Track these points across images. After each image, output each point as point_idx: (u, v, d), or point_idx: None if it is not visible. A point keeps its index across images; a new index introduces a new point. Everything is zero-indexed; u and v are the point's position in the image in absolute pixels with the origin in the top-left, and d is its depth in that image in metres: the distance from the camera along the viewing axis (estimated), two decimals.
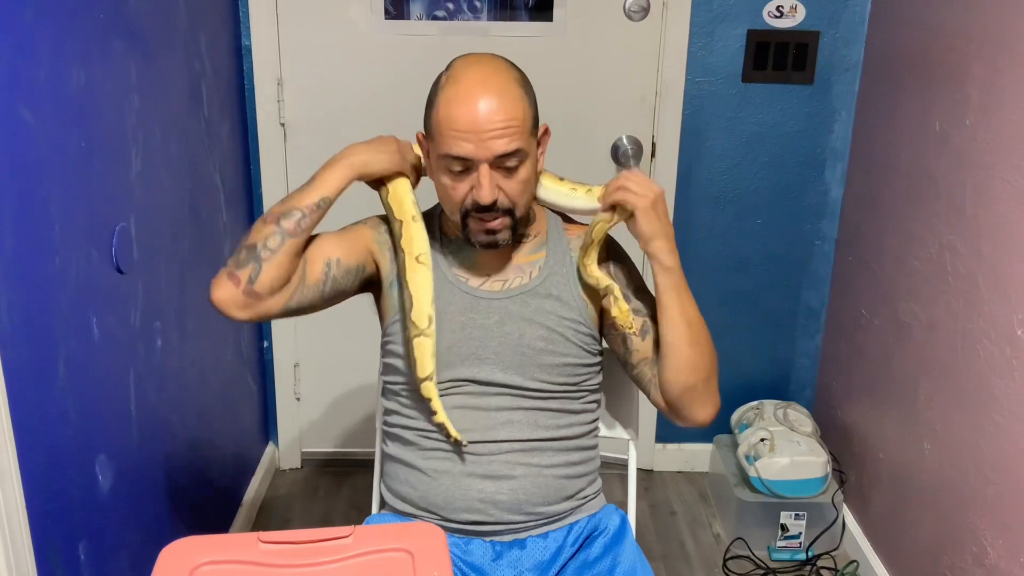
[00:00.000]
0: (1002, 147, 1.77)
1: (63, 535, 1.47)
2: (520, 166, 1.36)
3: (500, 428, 1.45)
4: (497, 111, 1.32)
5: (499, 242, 1.41)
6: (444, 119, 1.34)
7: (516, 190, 1.38)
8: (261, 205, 2.57)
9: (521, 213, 1.41)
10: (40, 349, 1.39)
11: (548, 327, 1.46)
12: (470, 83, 1.34)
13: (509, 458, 1.45)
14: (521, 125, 1.34)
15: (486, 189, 1.34)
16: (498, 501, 1.44)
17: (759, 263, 2.66)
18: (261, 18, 2.43)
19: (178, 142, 1.98)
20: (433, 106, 1.38)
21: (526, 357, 1.45)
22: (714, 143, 2.55)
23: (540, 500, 1.46)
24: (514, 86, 1.36)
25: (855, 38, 2.45)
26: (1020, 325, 1.70)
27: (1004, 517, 1.75)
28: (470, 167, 1.35)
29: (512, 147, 1.33)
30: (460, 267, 1.50)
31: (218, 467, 2.33)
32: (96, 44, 1.57)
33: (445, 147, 1.34)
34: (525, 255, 1.50)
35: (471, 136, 1.32)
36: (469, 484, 1.44)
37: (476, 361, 1.45)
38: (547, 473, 1.46)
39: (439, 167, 1.39)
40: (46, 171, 1.40)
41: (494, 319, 1.46)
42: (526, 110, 1.36)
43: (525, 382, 1.45)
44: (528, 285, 1.47)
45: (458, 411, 1.45)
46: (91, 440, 1.56)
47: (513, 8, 2.44)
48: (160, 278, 1.86)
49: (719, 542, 2.52)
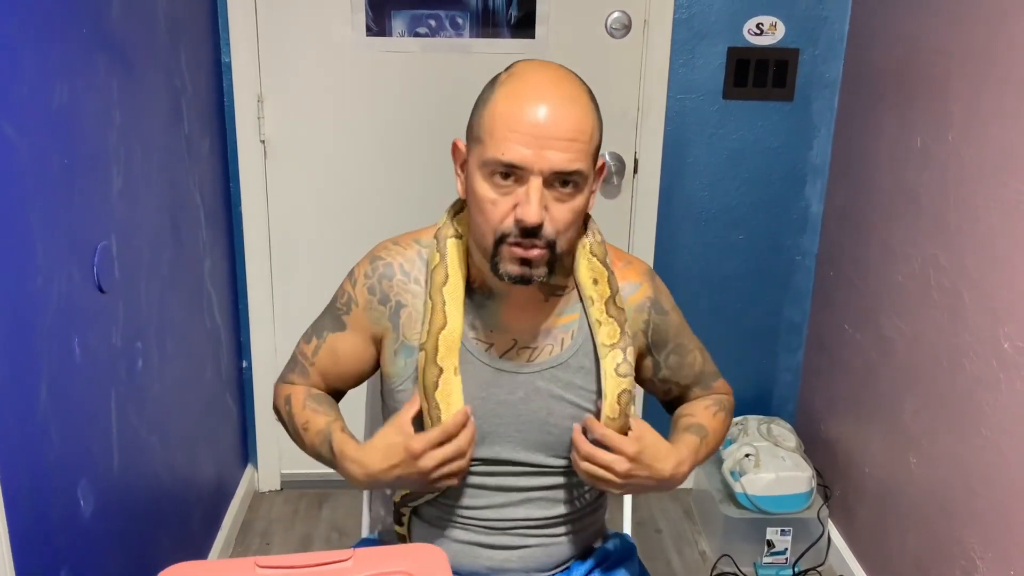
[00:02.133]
0: (985, 161, 1.79)
1: (46, 561, 1.43)
2: (576, 193, 1.16)
3: (518, 507, 1.35)
4: (566, 119, 1.13)
5: (533, 277, 1.19)
6: (502, 115, 1.14)
7: (565, 220, 1.16)
8: (240, 223, 2.54)
9: (563, 248, 1.19)
10: (22, 370, 1.35)
11: (577, 405, 1.30)
12: (539, 81, 1.16)
13: (522, 533, 1.36)
14: (588, 144, 1.15)
15: (535, 207, 1.12)
16: (505, 568, 1.37)
17: (741, 278, 2.67)
18: (241, 34, 2.41)
19: (159, 159, 1.95)
20: (487, 103, 1.17)
21: (552, 436, 1.30)
22: (696, 159, 2.56)
23: (551, 564, 1.40)
24: (586, 98, 1.18)
25: (834, 55, 2.47)
26: (1007, 338, 1.71)
27: (993, 530, 1.75)
28: (519, 179, 1.14)
29: (574, 166, 1.13)
30: (483, 328, 1.30)
31: (198, 490, 2.28)
32: (79, 59, 1.54)
33: (496, 150, 1.13)
34: (556, 316, 1.31)
35: (530, 141, 1.11)
36: (478, 552, 1.36)
37: (497, 440, 1.31)
38: (559, 541, 1.39)
39: (481, 176, 1.17)
40: (28, 188, 1.37)
41: (519, 395, 1.30)
42: (595, 128, 1.17)
43: (548, 460, 1.33)
44: (559, 357, 1.30)
45: (472, 490, 1.34)
46: (73, 464, 1.52)
47: (495, 25, 2.44)
48: (141, 297, 1.83)
49: (705, 559, 2.51)
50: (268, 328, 2.65)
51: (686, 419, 1.40)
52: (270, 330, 2.65)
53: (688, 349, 1.42)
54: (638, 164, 2.54)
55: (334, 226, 2.59)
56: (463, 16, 2.42)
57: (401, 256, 1.33)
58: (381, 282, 1.32)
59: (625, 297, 1.32)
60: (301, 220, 2.58)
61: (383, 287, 1.32)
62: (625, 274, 1.34)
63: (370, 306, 1.32)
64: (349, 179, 2.55)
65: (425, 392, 1.24)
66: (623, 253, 1.39)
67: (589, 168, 1.17)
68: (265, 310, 2.63)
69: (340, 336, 1.36)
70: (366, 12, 2.41)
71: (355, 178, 2.55)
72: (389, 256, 1.33)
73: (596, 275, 1.28)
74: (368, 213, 2.56)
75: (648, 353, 1.38)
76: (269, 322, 2.65)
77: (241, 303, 2.62)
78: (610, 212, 2.59)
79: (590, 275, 1.28)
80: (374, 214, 2.56)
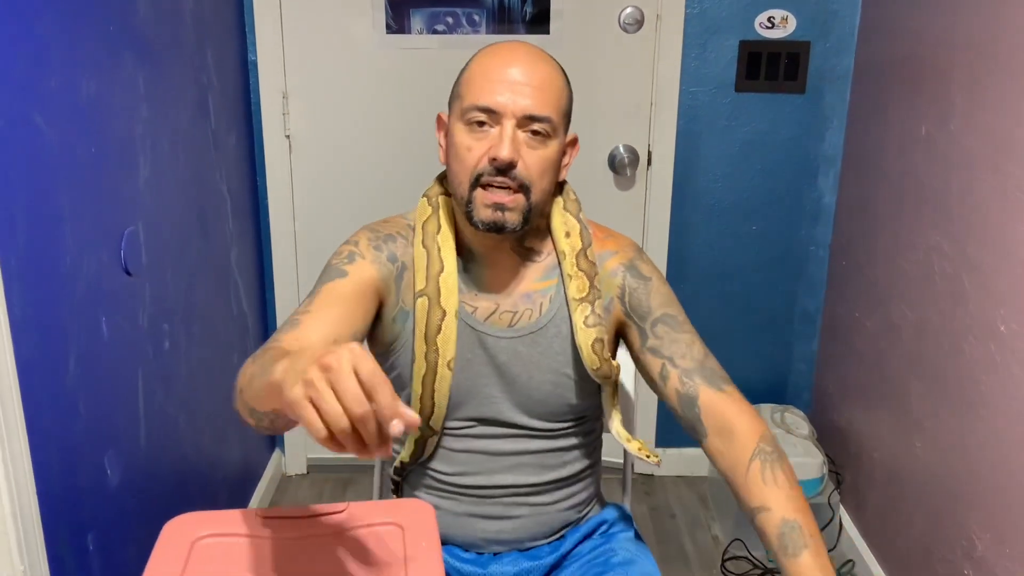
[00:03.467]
0: (984, 149, 1.82)
1: (73, 526, 1.52)
2: (547, 140, 1.26)
3: (506, 472, 1.40)
4: (536, 71, 1.25)
5: (506, 223, 1.25)
6: (479, 69, 1.26)
7: (538, 166, 1.25)
8: (267, 215, 2.64)
9: (536, 199, 1.27)
10: (51, 345, 1.45)
11: (556, 370, 1.37)
12: (513, 45, 1.29)
13: (512, 500, 1.41)
14: (557, 98, 1.26)
15: (507, 143, 1.22)
16: (499, 539, 1.43)
17: (755, 269, 2.71)
18: (267, 34, 2.51)
19: (185, 152, 2.05)
20: (467, 68, 1.30)
21: (533, 400, 1.37)
22: (709, 151, 2.60)
23: (541, 535, 1.45)
24: (555, 65, 1.30)
25: (845, 48, 2.51)
26: (1003, 321, 1.74)
27: (990, 510, 1.78)
28: (495, 122, 1.24)
29: (544, 112, 1.24)
30: (467, 292, 1.36)
31: (224, 470, 2.38)
32: (106, 56, 1.64)
33: (473, 97, 1.24)
34: (534, 280, 1.37)
35: (504, 88, 1.23)
36: (469, 523, 1.42)
37: (484, 400, 1.37)
38: (550, 510, 1.44)
39: (459, 128, 1.26)
40: (57, 174, 1.47)
41: (502, 359, 1.36)
42: (563, 88, 1.29)
43: (532, 422, 1.38)
44: (538, 323, 1.35)
45: (463, 454, 1.39)
46: (100, 436, 1.62)
47: (511, 21, 2.51)
48: (168, 282, 1.93)
49: (717, 544, 2.55)
50: None
51: (786, 535, 1.19)
52: None
53: (682, 326, 1.36)
54: (652, 156, 2.60)
55: (357, 218, 2.64)
56: (479, 13, 2.50)
57: (396, 226, 1.40)
58: (387, 242, 1.36)
59: (601, 264, 1.37)
60: (325, 213, 2.67)
61: (390, 247, 1.36)
62: (604, 244, 1.39)
63: (378, 260, 1.34)
64: (371, 172, 2.64)
65: (426, 336, 1.30)
66: (605, 228, 1.43)
67: (559, 121, 1.27)
68: (291, 300, 2.72)
69: (339, 282, 1.30)
70: (386, 10, 2.49)
71: (376, 171, 2.64)
72: (385, 228, 1.39)
73: (568, 228, 1.35)
74: (389, 205, 2.62)
75: (630, 320, 1.37)
76: None
77: (268, 293, 2.72)
78: (625, 204, 2.65)
79: (563, 228, 1.36)
80: (395, 206, 2.62)
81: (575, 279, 1.34)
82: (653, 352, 1.35)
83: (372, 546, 1.03)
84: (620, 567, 1.40)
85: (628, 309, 1.37)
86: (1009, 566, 1.71)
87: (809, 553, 1.15)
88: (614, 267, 1.38)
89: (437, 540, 1.04)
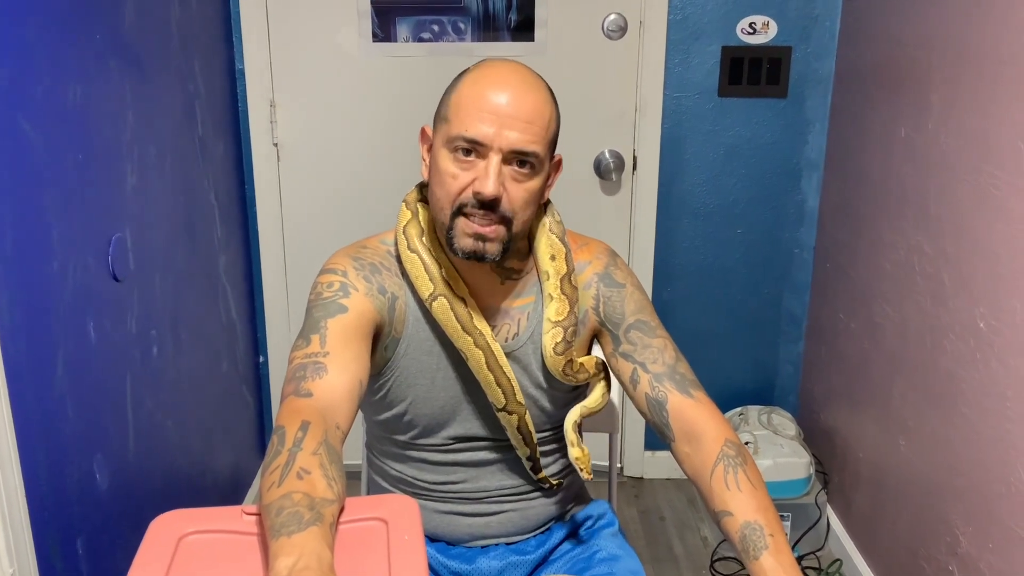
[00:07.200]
0: (961, 149, 1.85)
1: (62, 529, 1.53)
2: (532, 175, 1.25)
3: (491, 478, 1.43)
4: (525, 103, 1.22)
5: (486, 254, 1.25)
6: (468, 96, 1.23)
7: (521, 199, 1.24)
8: (256, 222, 2.66)
9: (517, 230, 1.26)
10: (39, 348, 1.46)
11: (536, 384, 1.38)
12: (503, 71, 1.25)
13: (497, 498, 1.44)
14: (545, 130, 1.24)
15: (492, 179, 1.20)
16: (486, 534, 1.45)
17: (741, 272, 2.74)
18: (254, 43, 2.53)
19: (173, 159, 2.06)
20: (455, 89, 1.26)
21: None
22: (693, 156, 2.63)
23: (528, 529, 1.47)
24: (545, 90, 1.27)
25: (826, 52, 2.54)
26: (982, 318, 1.77)
27: (972, 506, 1.80)
28: (480, 155, 1.22)
29: (531, 147, 1.22)
30: None
31: (214, 476, 2.39)
32: (93, 63, 1.66)
33: (460, 127, 1.21)
34: (513, 299, 1.37)
35: (493, 120, 1.20)
36: (457, 520, 1.44)
37: (468, 417, 1.39)
38: (535, 505, 1.47)
39: (445, 153, 1.24)
40: (44, 180, 1.48)
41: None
42: (551, 119, 1.26)
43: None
44: (518, 339, 1.36)
45: (446, 467, 1.42)
46: (89, 439, 1.63)
47: (496, 29, 2.53)
48: (156, 288, 1.94)
49: (706, 545, 2.57)
50: (284, 325, 2.76)
51: (746, 534, 1.20)
52: (285, 327, 2.76)
53: (655, 331, 1.37)
54: (637, 161, 2.62)
55: (345, 226, 2.69)
56: (465, 21, 2.52)
57: (377, 254, 1.36)
58: (374, 274, 1.32)
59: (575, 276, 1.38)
60: (313, 220, 2.68)
61: (378, 280, 1.32)
62: (578, 255, 1.40)
63: (371, 292, 1.30)
64: (358, 180, 2.66)
65: (464, 328, 1.30)
66: (580, 236, 1.44)
67: (545, 153, 1.26)
68: (280, 307, 2.74)
69: (342, 318, 1.26)
70: (372, 19, 2.51)
71: (364, 178, 2.66)
72: (367, 256, 1.35)
73: (555, 252, 1.35)
74: (377, 212, 2.66)
75: (604, 328, 1.39)
76: (284, 319, 2.76)
77: (257, 300, 2.74)
78: (611, 208, 2.68)
79: (549, 251, 1.35)
80: (383, 213, 2.65)
81: (556, 301, 1.34)
82: (625, 357, 1.36)
83: (355, 541, 1.04)
84: (604, 563, 1.42)
85: (602, 318, 1.39)
86: (992, 560, 1.73)
87: (768, 553, 1.16)
88: (588, 278, 1.39)
89: (421, 534, 1.05)
